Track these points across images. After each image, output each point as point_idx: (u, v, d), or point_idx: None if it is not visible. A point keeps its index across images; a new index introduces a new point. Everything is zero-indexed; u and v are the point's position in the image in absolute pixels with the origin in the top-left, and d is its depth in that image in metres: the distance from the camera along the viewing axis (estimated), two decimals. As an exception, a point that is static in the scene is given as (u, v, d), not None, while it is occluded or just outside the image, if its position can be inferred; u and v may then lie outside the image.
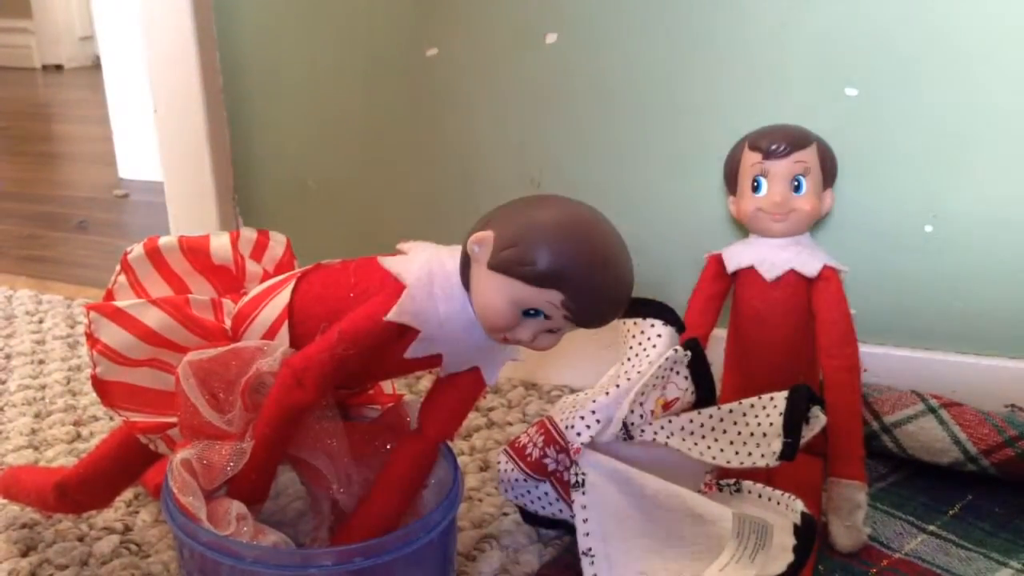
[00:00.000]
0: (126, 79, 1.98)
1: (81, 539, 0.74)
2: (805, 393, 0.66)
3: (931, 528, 0.74)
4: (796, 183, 0.75)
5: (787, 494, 0.62)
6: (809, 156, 0.75)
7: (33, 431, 0.91)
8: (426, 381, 1.02)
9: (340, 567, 0.55)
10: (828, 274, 0.75)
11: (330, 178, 1.09)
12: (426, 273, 0.58)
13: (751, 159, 0.76)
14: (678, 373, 0.69)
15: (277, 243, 0.72)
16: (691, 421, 0.68)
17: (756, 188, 0.76)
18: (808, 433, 0.66)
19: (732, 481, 0.66)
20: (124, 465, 0.67)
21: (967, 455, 0.76)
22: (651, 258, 0.93)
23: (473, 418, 0.94)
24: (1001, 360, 0.86)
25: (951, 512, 0.77)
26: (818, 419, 0.66)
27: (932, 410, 0.79)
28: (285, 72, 1.07)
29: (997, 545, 0.72)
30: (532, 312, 0.55)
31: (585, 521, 0.65)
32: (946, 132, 0.82)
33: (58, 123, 2.89)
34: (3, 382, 1.02)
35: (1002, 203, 0.82)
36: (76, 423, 0.93)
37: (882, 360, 0.88)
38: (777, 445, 0.66)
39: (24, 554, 0.72)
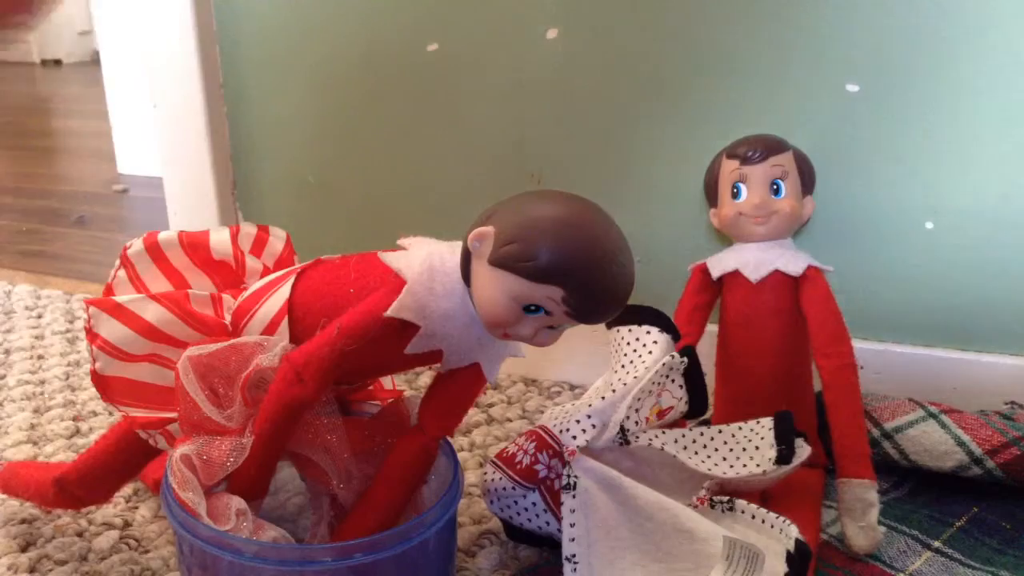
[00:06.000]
0: (125, 74, 1.98)
1: (80, 534, 0.74)
2: (790, 415, 0.67)
3: (936, 544, 0.73)
4: (775, 186, 0.75)
5: (782, 518, 0.61)
6: (786, 160, 0.76)
7: (32, 426, 0.91)
8: (426, 377, 1.02)
9: (340, 563, 0.55)
10: (813, 273, 0.75)
11: (330, 173, 1.09)
12: (426, 269, 0.57)
13: (729, 167, 0.77)
14: (673, 381, 0.69)
15: (277, 238, 0.72)
16: (683, 436, 0.68)
17: (736, 195, 0.76)
18: (795, 461, 0.66)
19: (725, 499, 0.64)
20: (124, 460, 0.67)
21: (972, 456, 0.76)
22: (653, 256, 0.93)
23: (473, 414, 0.94)
24: (1001, 357, 0.86)
25: (957, 524, 0.75)
26: (803, 448, 0.67)
27: (932, 415, 0.78)
28: (285, 67, 1.07)
29: (1005, 563, 0.70)
30: (533, 308, 0.55)
31: (572, 525, 0.63)
32: (947, 129, 0.82)
33: (57, 118, 2.89)
34: (2, 377, 1.02)
35: (1003, 200, 0.82)
36: (75, 418, 0.93)
37: (882, 357, 0.88)
38: (772, 453, 0.66)
39: (23, 549, 0.72)
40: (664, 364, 0.66)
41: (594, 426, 0.65)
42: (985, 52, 0.79)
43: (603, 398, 0.66)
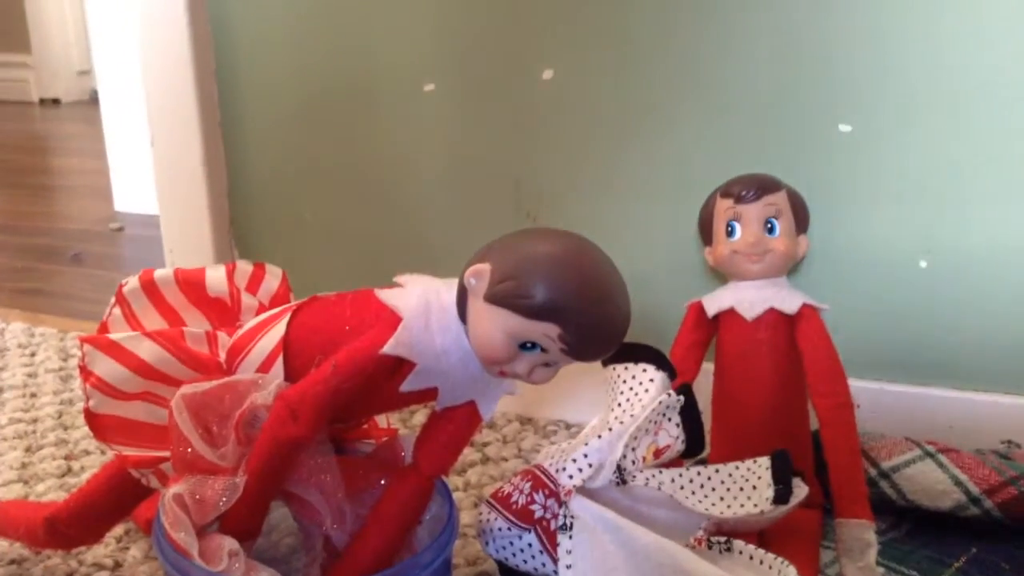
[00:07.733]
0: (123, 113, 1.99)
1: (71, 575, 0.73)
2: (787, 455, 0.67)
3: None
4: (769, 225, 0.76)
5: (780, 559, 0.61)
6: (780, 199, 0.76)
7: (24, 465, 0.90)
8: (421, 415, 1.01)
9: (333, 604, 0.54)
10: (808, 312, 0.76)
11: (327, 211, 1.09)
12: (422, 306, 0.57)
13: (723, 205, 0.77)
14: (670, 420, 0.68)
15: (273, 276, 0.72)
16: (680, 475, 0.68)
17: (730, 233, 0.77)
18: (793, 500, 0.66)
19: (723, 539, 0.64)
20: (115, 500, 0.66)
21: (969, 496, 0.75)
22: (648, 293, 0.92)
23: (468, 453, 0.93)
24: (997, 396, 0.85)
25: (956, 565, 0.74)
26: (800, 488, 0.67)
27: (930, 455, 0.78)
28: (283, 105, 1.08)
29: None
30: (529, 345, 0.55)
31: (568, 567, 0.62)
32: (940, 167, 0.83)
33: (54, 156, 2.90)
34: (-6, 415, 1.01)
35: (997, 238, 0.83)
36: (67, 457, 0.92)
37: (877, 396, 0.88)
38: (769, 493, 0.65)
39: (11, 591, 0.71)
40: (660, 402, 0.66)
41: (590, 465, 0.65)
42: (977, 92, 0.80)
43: (599, 437, 0.66)
